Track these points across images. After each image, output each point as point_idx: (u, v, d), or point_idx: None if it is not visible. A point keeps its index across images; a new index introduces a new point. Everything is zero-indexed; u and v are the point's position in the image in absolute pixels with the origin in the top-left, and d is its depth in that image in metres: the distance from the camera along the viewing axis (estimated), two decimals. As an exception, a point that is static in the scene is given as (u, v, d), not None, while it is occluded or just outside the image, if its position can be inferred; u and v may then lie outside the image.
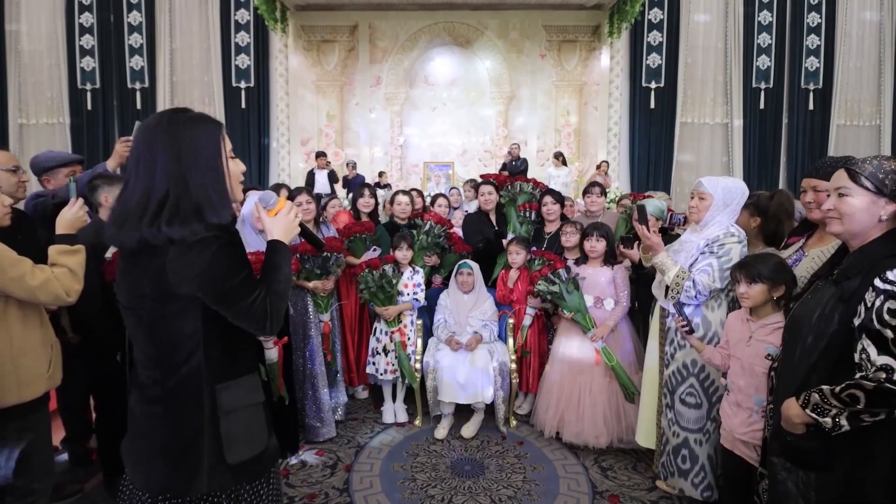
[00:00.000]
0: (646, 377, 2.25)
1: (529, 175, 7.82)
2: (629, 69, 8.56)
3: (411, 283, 2.93)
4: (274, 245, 1.13)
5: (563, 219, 3.31)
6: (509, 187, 3.35)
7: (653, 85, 8.53)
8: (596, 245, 2.62)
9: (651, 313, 2.26)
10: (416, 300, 2.91)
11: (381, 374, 2.89)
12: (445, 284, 3.17)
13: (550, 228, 3.21)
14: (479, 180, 3.55)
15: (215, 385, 1.03)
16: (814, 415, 1.16)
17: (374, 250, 3.02)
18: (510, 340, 2.91)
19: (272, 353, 2.24)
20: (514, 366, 2.80)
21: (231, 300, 0.99)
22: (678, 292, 1.93)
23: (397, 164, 8.82)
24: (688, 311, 1.96)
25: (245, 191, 3.15)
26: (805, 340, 1.26)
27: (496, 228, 3.37)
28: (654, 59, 8.55)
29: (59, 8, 7.82)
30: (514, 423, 2.86)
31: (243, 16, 8.09)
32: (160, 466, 1.02)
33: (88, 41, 7.96)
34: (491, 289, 3.12)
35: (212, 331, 1.02)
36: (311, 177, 7.43)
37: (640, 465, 2.43)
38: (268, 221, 1.17)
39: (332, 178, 7.41)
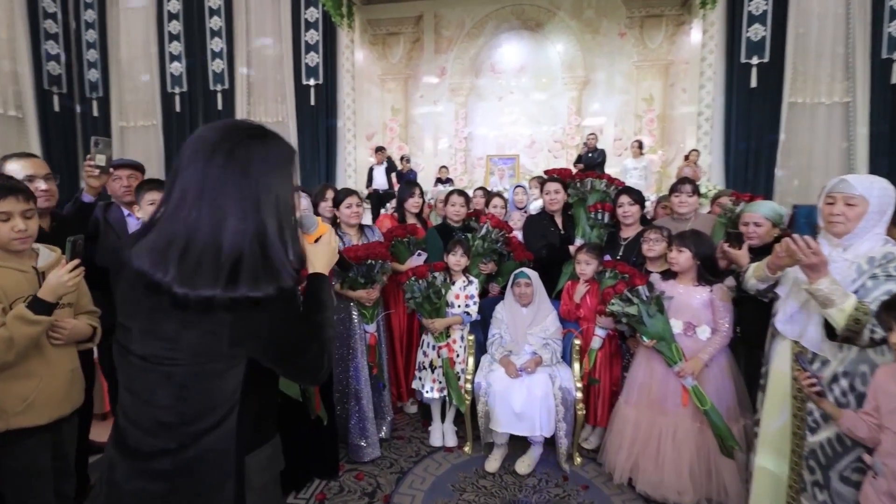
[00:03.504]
0: (764, 437, 1.73)
1: (606, 166, 7.25)
2: (725, 44, 7.49)
3: (463, 295, 2.63)
4: (318, 280, 0.95)
5: (645, 222, 2.82)
6: (578, 185, 2.91)
7: (754, 60, 7.39)
8: (677, 257, 2.14)
9: (767, 347, 1.75)
10: (468, 314, 2.61)
11: (427, 392, 2.64)
12: (504, 294, 2.83)
13: (627, 233, 2.74)
14: (546, 176, 3.14)
15: (245, 455, 0.85)
16: None
17: (419, 255, 2.75)
18: (576, 364, 2.51)
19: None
20: (579, 395, 2.41)
21: (293, 358, 0.86)
22: (856, 333, 1.38)
23: (462, 157, 8.53)
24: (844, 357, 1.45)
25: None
26: None
27: (562, 232, 2.95)
28: (757, 31, 7.40)
29: (151, 18, 8.43)
30: (578, 459, 2.47)
31: (312, 14, 8.19)
32: None
33: (176, 47, 8.52)
34: (555, 301, 2.74)
35: (250, 390, 0.86)
36: (370, 172, 7.38)
37: (739, 535, 1.95)
38: (308, 249, 0.98)
39: (390, 170, 7.28)
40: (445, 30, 8.38)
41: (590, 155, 7.06)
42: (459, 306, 2.62)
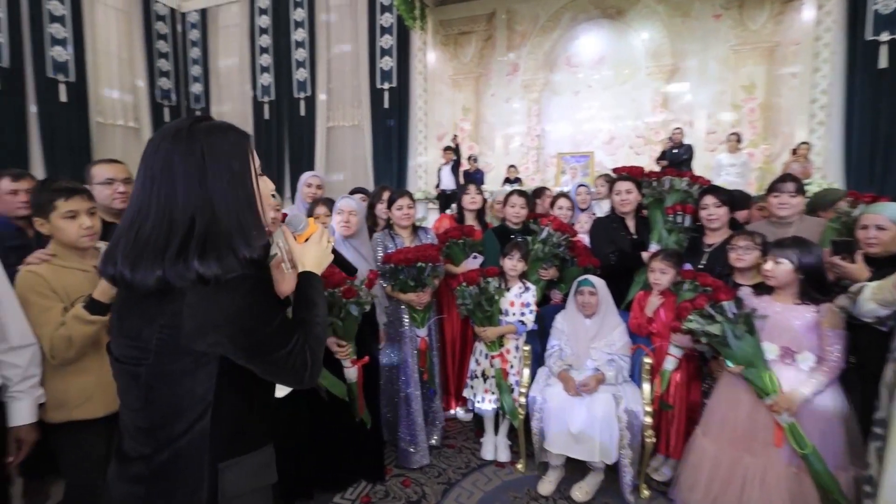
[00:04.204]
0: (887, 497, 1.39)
1: (696, 164, 6.57)
2: (846, 20, 6.43)
3: (518, 302, 2.46)
4: (307, 278, 0.93)
5: (734, 226, 2.46)
6: (654, 184, 2.61)
7: (884, 37, 6.25)
8: (774, 269, 1.80)
9: (884, 388, 1.40)
10: (523, 323, 2.44)
11: (479, 402, 2.51)
12: (566, 302, 2.61)
13: (713, 239, 2.40)
14: (613, 174, 2.86)
15: (218, 463, 0.82)
16: None
17: (475, 258, 2.63)
18: (646, 385, 2.24)
19: (351, 372, 2.04)
20: (648, 420, 2.14)
21: (265, 352, 0.81)
22: None
23: (534, 155, 8.23)
24: None
25: (353, 192, 3.05)
26: None
27: (634, 237, 2.66)
28: (888, 3, 6.26)
29: (245, 33, 9.16)
30: (645, 492, 2.20)
31: (387, 19, 8.38)
32: None
33: (266, 60, 9.17)
34: (624, 312, 2.48)
35: (226, 392, 0.82)
36: (439, 172, 7.38)
37: None
38: (297, 249, 0.97)
39: (457, 168, 7.21)
40: (518, 25, 8.13)
41: (674, 151, 6.45)
42: (514, 314, 2.45)
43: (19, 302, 1.38)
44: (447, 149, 7.45)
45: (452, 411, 2.94)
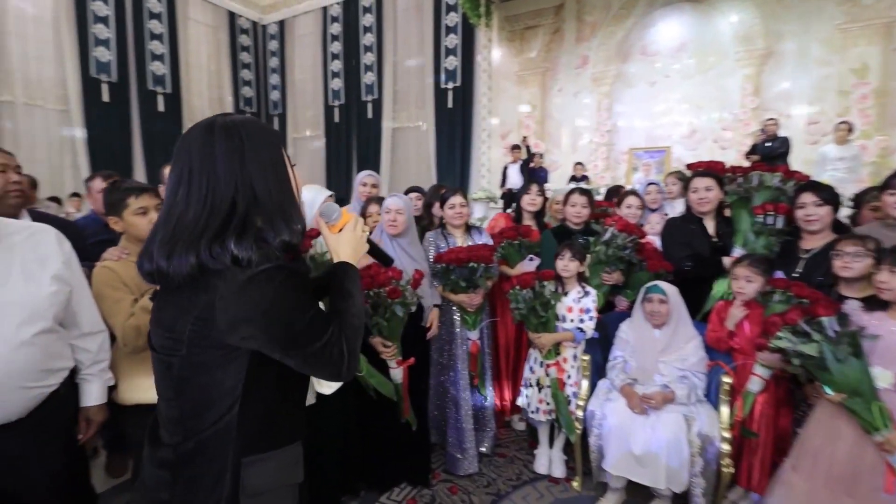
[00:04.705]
0: None
1: (794, 158, 5.84)
2: None
3: (577, 308, 2.29)
4: (343, 268, 0.91)
5: (840, 229, 2.11)
6: (741, 180, 2.31)
7: None
8: (890, 280, 1.50)
9: None
10: (581, 330, 2.26)
11: (533, 413, 2.37)
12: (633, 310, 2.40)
13: (812, 244, 2.07)
14: (687, 172, 2.58)
15: (242, 458, 0.81)
16: None
17: (531, 260, 2.49)
18: (724, 408, 1.98)
19: (396, 373, 2.01)
20: (726, 447, 1.89)
21: (301, 344, 0.79)
22: None
23: (604, 152, 7.80)
24: None
25: (408, 191, 3.03)
26: None
27: (715, 240, 2.38)
28: None
29: (318, 41, 9.60)
30: (721, 528, 1.95)
31: (452, 19, 8.36)
32: None
33: (336, 65, 9.55)
34: (700, 324, 2.22)
35: (256, 386, 0.81)
36: (504, 171, 7.20)
37: None
38: (331, 239, 0.96)
39: (524, 168, 7.00)
40: (588, 15, 7.74)
41: (767, 144, 5.78)
42: (572, 321, 2.29)
43: (95, 295, 1.48)
44: (515, 147, 7.27)
45: (507, 418, 2.82)
